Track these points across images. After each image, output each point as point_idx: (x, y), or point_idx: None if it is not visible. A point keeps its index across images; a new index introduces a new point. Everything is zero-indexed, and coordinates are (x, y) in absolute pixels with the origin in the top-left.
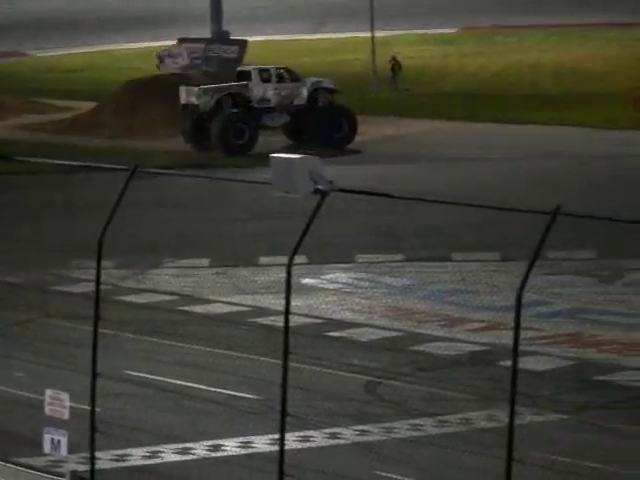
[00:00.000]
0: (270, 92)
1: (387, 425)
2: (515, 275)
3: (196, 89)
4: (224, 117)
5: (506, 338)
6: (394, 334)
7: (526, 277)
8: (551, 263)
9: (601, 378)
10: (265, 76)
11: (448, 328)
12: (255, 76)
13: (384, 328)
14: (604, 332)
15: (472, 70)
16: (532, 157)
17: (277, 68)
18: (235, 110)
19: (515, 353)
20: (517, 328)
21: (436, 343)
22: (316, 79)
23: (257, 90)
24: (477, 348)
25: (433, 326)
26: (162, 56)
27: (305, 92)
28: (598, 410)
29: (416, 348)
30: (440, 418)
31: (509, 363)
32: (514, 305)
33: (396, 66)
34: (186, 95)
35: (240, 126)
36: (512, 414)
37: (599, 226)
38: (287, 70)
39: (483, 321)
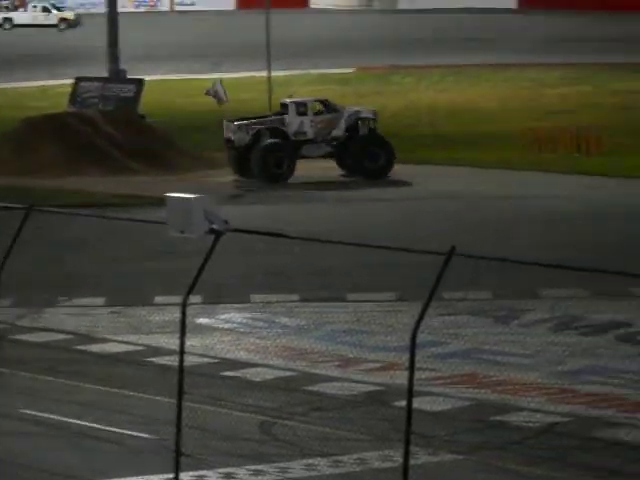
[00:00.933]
0: (306, 125)
1: (282, 465)
2: (410, 315)
3: (232, 125)
4: (263, 147)
5: (401, 378)
6: (289, 374)
7: (420, 317)
8: (447, 303)
9: (497, 418)
10: (301, 109)
11: (343, 368)
12: (292, 109)
13: (279, 368)
14: (500, 373)
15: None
16: (429, 197)
17: (314, 100)
18: (273, 141)
19: (409, 393)
20: (411, 368)
21: (331, 383)
22: (355, 109)
23: (293, 123)
24: (372, 388)
25: (328, 366)
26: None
27: (343, 123)
28: (494, 450)
29: (311, 388)
30: (335, 458)
31: (404, 403)
32: (409, 345)
33: None
34: (226, 130)
35: (279, 155)
36: (407, 454)
37: (494, 267)
38: (325, 102)
39: (378, 361)
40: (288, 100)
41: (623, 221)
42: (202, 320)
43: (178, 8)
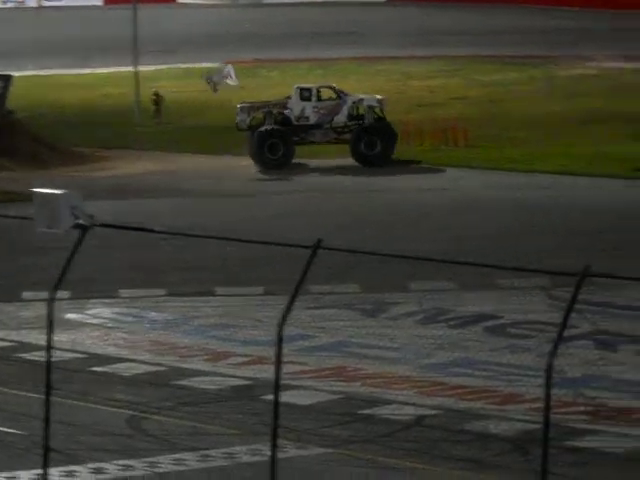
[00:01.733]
0: (308, 110)
1: (151, 460)
2: (278, 309)
3: (237, 106)
4: (257, 132)
5: (269, 372)
6: (158, 369)
7: (287, 311)
8: (315, 297)
9: (365, 412)
10: (305, 94)
11: (211, 362)
12: (296, 94)
13: (148, 363)
14: (368, 366)
15: (235, 104)
16: (297, 191)
17: (320, 87)
18: (270, 127)
19: (276, 387)
20: (278, 362)
21: (199, 377)
22: (359, 97)
23: (296, 108)
24: (240, 382)
25: (196, 360)
26: None
27: (345, 110)
28: (363, 443)
29: (180, 382)
30: (203, 452)
31: (272, 397)
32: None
33: (158, 100)
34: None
35: (274, 142)
36: (274, 448)
37: (362, 260)
38: (333, 88)
39: (246, 355)
40: (295, 86)
41: (488, 213)
42: (71, 315)
43: (46, 4)
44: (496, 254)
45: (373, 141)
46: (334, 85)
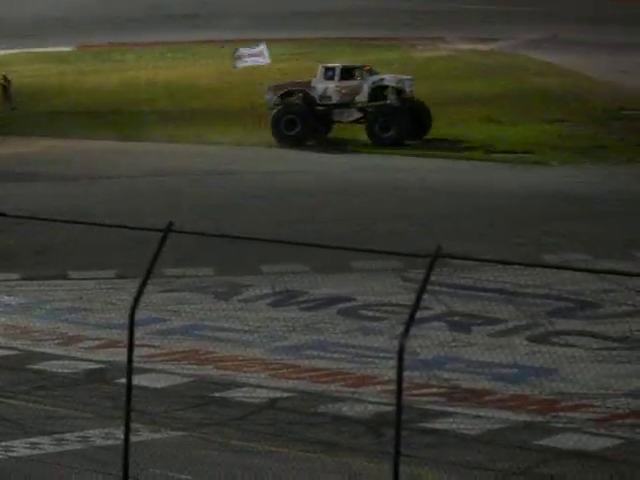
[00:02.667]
0: (330, 89)
1: (5, 444)
2: (131, 293)
3: (265, 86)
4: (278, 110)
5: (122, 355)
6: (11, 352)
7: (139, 294)
8: (168, 280)
9: (218, 395)
10: (329, 74)
11: (65, 346)
12: (320, 73)
13: (1, 347)
14: (221, 349)
15: (89, 87)
16: (150, 174)
17: (344, 66)
18: (287, 103)
19: (129, 370)
20: (130, 345)
21: (53, 361)
22: (380, 76)
23: (319, 87)
24: (93, 366)
25: (50, 344)
26: None
27: (366, 90)
28: (216, 427)
29: (33, 367)
30: (58, 436)
31: (125, 380)
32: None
33: (6, 84)
34: None
35: (290, 118)
36: (127, 431)
37: (215, 243)
38: (359, 68)
39: (100, 339)
40: (330, 65)
41: (344, 195)
42: None
43: None
44: (350, 237)
45: (388, 122)
46: (362, 65)
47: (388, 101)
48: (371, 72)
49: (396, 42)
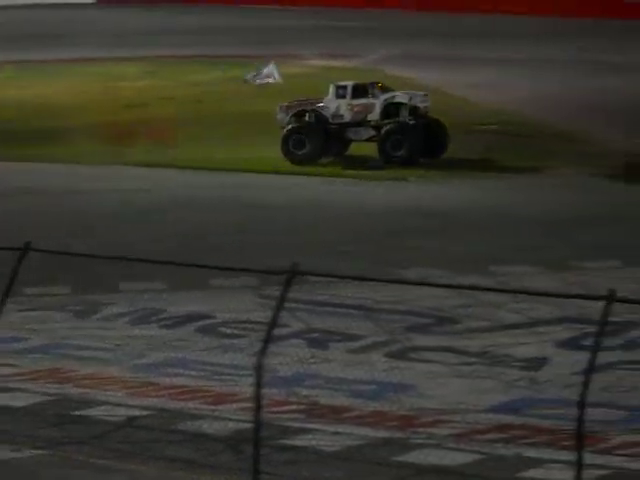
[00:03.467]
0: (343, 108)
1: None
2: None
3: (277, 106)
4: (288, 129)
5: None
6: None
7: None
8: (27, 299)
9: (79, 413)
10: (341, 92)
11: None
12: (332, 92)
13: None
14: (81, 367)
15: None
16: (4, 194)
17: (356, 84)
18: (296, 123)
19: None
20: None
21: None
22: (392, 94)
23: (331, 106)
24: None
25: None
26: None
27: (378, 108)
28: (76, 445)
29: None
30: None
31: None
32: None
33: None
34: None
35: (299, 137)
36: None
37: (73, 262)
38: (372, 85)
39: None
40: (342, 83)
41: (193, 212)
42: None
43: None
44: (206, 253)
45: (401, 140)
46: (375, 81)
47: (401, 118)
48: (383, 89)
49: (252, 59)
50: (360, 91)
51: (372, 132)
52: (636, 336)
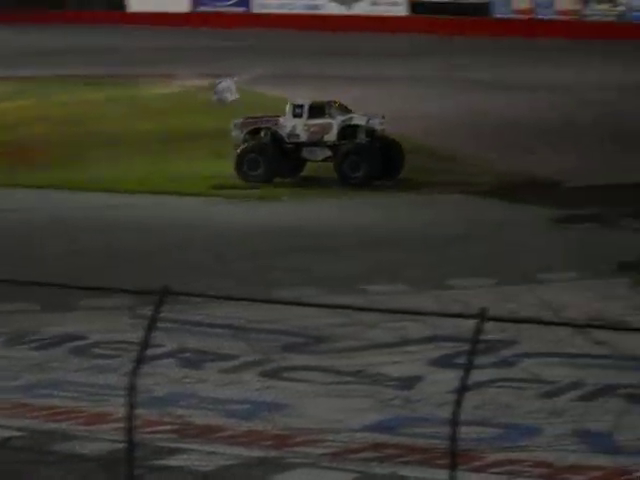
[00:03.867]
0: (299, 128)
1: None
2: None
3: (232, 123)
4: (243, 149)
5: None
6: None
7: None
8: None
9: None
10: (297, 111)
11: None
12: (289, 111)
13: None
14: None
15: None
16: None
17: (312, 103)
18: (251, 143)
19: None
20: None
21: None
22: (349, 115)
23: (287, 125)
24: None
25: None
26: None
27: (335, 128)
28: None
29: None
30: None
31: None
32: None
33: None
34: None
35: (253, 157)
36: None
37: None
38: (330, 104)
39: None
40: (298, 102)
41: (65, 234)
42: None
43: None
44: (81, 273)
45: (355, 162)
46: (334, 101)
47: (357, 140)
48: (340, 108)
49: (124, 79)
50: (317, 111)
51: (328, 152)
52: (509, 354)
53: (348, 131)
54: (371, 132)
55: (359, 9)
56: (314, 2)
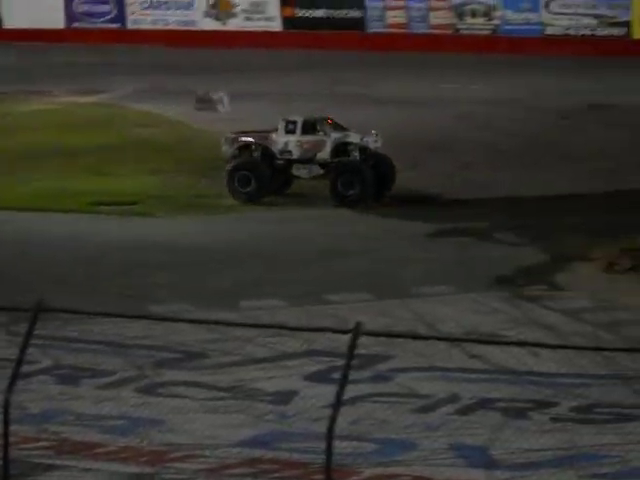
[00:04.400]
0: (292, 144)
1: None
2: None
3: (223, 138)
4: (233, 165)
5: None
6: None
7: None
8: None
9: None
10: (290, 127)
11: None
12: (281, 127)
13: None
14: None
15: None
16: None
17: (306, 120)
18: (242, 159)
19: None
20: None
21: None
22: (344, 133)
23: (280, 141)
24: None
25: None
26: None
27: (329, 146)
28: None
29: None
30: None
31: None
32: None
33: None
34: None
35: (244, 174)
36: None
37: None
38: (316, 121)
39: None
40: (291, 118)
41: None
42: None
43: None
44: None
45: (350, 181)
46: (328, 117)
47: (352, 158)
48: (334, 125)
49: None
50: (309, 127)
51: (320, 170)
52: (384, 369)
53: (341, 148)
54: (364, 149)
55: (233, 25)
56: (189, 18)
